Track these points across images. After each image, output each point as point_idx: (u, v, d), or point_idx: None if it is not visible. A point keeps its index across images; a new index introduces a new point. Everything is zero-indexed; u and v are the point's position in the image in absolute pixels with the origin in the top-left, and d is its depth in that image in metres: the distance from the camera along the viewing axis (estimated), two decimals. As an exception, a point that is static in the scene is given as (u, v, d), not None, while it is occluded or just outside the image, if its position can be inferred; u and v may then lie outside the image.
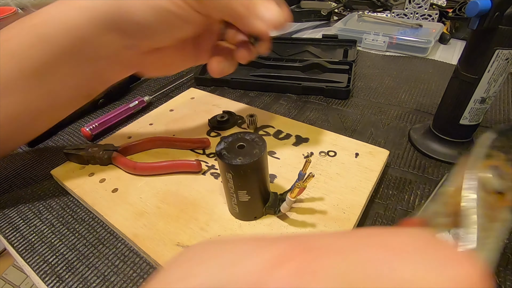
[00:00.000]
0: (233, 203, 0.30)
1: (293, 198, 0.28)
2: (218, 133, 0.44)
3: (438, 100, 0.40)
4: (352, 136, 0.41)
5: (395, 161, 0.40)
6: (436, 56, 0.68)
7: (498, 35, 0.31)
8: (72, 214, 0.36)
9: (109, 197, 0.35)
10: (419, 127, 0.44)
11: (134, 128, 0.46)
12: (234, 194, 0.29)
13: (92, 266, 0.30)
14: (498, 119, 0.46)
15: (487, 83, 0.34)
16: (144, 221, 0.32)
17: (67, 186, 0.37)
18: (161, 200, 0.34)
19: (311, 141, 0.41)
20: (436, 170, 0.38)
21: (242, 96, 0.57)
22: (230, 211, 0.32)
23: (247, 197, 0.29)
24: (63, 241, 0.33)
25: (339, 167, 0.36)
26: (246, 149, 0.27)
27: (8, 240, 0.34)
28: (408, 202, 0.34)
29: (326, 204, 0.32)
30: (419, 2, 0.77)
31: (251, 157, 0.26)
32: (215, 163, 0.39)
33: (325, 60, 0.61)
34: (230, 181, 0.28)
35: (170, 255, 0.29)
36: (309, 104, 0.53)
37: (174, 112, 0.50)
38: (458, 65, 0.36)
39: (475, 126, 0.38)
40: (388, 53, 0.70)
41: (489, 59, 0.32)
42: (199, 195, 0.34)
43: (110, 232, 0.33)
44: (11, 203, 0.38)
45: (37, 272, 0.30)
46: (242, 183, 0.28)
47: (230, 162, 0.26)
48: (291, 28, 0.91)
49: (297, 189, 0.28)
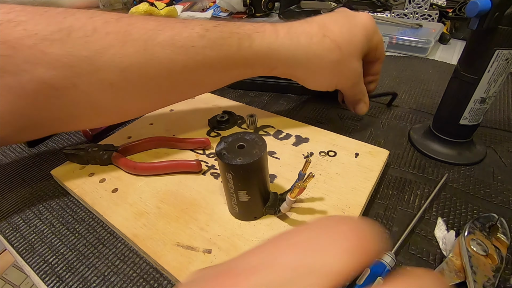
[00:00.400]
0: (233, 203, 0.30)
1: (293, 198, 0.28)
2: (218, 133, 0.44)
3: (438, 100, 0.40)
4: (352, 136, 0.41)
5: (395, 161, 0.40)
6: (436, 56, 0.68)
7: (498, 35, 0.31)
8: (72, 214, 0.36)
9: (109, 197, 0.35)
10: (419, 127, 0.44)
11: (134, 128, 0.46)
12: (234, 194, 0.29)
13: (92, 266, 0.30)
14: (498, 119, 0.46)
15: (487, 83, 0.34)
16: (144, 221, 0.32)
17: (67, 186, 0.37)
18: (161, 200, 0.34)
19: (311, 141, 0.41)
20: (436, 170, 0.38)
21: (242, 96, 0.57)
22: (230, 211, 0.32)
23: (247, 197, 0.29)
24: (63, 241, 0.33)
25: (339, 167, 0.36)
26: (246, 149, 0.27)
27: (8, 240, 0.34)
28: (408, 202, 0.34)
29: (326, 204, 0.32)
30: (419, 2, 0.77)
31: (251, 157, 0.26)
32: (215, 163, 0.39)
33: (325, 60, 0.61)
34: (230, 181, 0.28)
35: (170, 255, 0.29)
36: (309, 104, 0.53)
37: (174, 112, 0.50)
38: (458, 65, 0.36)
39: (475, 126, 0.38)
40: (388, 53, 0.70)
41: (489, 59, 0.32)
42: (199, 195, 0.34)
43: (110, 232, 0.33)
44: (11, 203, 0.38)
45: (37, 272, 0.30)
46: (242, 183, 0.28)
47: (230, 162, 0.26)
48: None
49: (297, 189, 0.28)
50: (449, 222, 0.32)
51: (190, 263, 0.28)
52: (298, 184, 0.28)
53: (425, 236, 0.31)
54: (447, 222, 0.32)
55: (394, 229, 0.32)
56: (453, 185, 0.36)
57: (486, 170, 0.38)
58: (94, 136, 0.47)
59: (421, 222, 0.32)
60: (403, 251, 0.30)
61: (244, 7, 1.00)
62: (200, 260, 0.28)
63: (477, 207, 0.33)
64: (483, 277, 0.25)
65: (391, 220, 0.33)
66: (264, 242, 0.14)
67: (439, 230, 0.31)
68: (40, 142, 0.48)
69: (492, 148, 0.41)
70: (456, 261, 0.27)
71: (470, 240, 0.28)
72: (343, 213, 0.31)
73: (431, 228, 0.31)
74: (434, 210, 0.33)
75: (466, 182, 0.36)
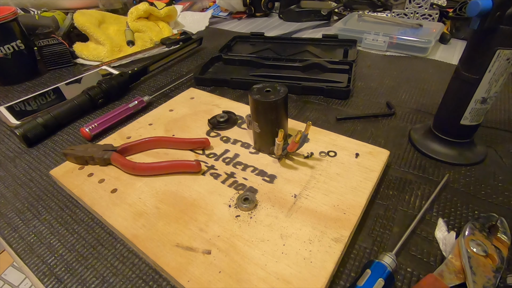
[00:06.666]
0: (254, 132, 0.39)
1: (279, 142, 0.35)
2: (218, 133, 0.44)
3: (438, 100, 0.40)
4: (352, 136, 0.41)
5: (395, 161, 0.40)
6: (436, 56, 0.68)
7: (499, 35, 0.31)
8: (71, 215, 0.35)
9: (108, 198, 0.35)
10: (419, 127, 0.44)
11: (134, 128, 0.46)
12: (252, 124, 0.38)
13: (91, 267, 0.30)
14: (499, 120, 0.46)
15: (488, 83, 0.33)
16: (143, 221, 0.32)
17: (66, 187, 0.37)
18: (160, 200, 0.34)
19: (311, 141, 0.41)
20: (437, 171, 0.38)
21: (242, 96, 0.57)
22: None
23: (258, 129, 0.37)
24: (62, 242, 0.33)
25: (339, 167, 0.36)
26: (270, 93, 0.35)
27: (7, 240, 0.34)
28: (409, 202, 0.34)
29: (326, 204, 0.32)
30: (420, 2, 0.77)
31: (265, 98, 0.35)
32: (215, 163, 0.39)
33: (325, 60, 0.61)
34: (252, 111, 0.37)
35: (170, 256, 0.28)
36: (309, 104, 0.53)
37: (174, 112, 0.49)
38: (458, 65, 0.36)
39: (476, 126, 0.37)
40: (388, 53, 0.70)
41: (490, 59, 0.32)
42: (198, 196, 0.34)
43: (109, 232, 0.33)
44: (10, 203, 0.38)
45: (36, 273, 0.30)
46: (255, 115, 0.37)
47: (251, 95, 0.35)
48: (291, 28, 0.91)
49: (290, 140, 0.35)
50: (449, 223, 0.32)
51: (189, 264, 0.28)
52: (292, 138, 0.35)
53: (425, 237, 0.31)
54: (448, 223, 0.32)
55: (394, 230, 0.31)
56: (454, 186, 0.36)
57: (487, 170, 0.38)
58: (93, 136, 0.47)
59: (421, 223, 0.32)
60: (404, 252, 0.29)
61: (244, 7, 1.00)
62: (199, 261, 0.28)
63: (478, 208, 0.33)
64: (483, 278, 0.25)
65: (391, 220, 0.32)
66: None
67: (440, 231, 0.31)
68: (40, 142, 0.48)
69: (493, 149, 0.41)
70: (456, 262, 0.27)
71: (469, 241, 0.28)
72: (344, 213, 0.31)
73: (432, 229, 0.31)
74: (435, 210, 0.33)
75: (466, 182, 0.36)
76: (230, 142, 0.42)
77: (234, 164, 0.38)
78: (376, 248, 0.30)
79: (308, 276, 0.26)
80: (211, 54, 0.73)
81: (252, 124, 0.38)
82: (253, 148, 0.41)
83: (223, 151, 0.41)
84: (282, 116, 0.37)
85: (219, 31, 0.92)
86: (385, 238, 0.31)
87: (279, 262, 0.27)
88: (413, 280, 0.27)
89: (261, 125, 0.37)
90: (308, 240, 0.29)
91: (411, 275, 0.28)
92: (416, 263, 0.29)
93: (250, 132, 0.43)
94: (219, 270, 0.27)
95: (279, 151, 0.37)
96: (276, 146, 0.36)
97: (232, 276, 0.26)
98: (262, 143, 0.39)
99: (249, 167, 0.38)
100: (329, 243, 0.28)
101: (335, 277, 0.28)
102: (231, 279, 0.26)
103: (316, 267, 0.27)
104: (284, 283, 0.26)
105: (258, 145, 0.40)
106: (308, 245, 0.28)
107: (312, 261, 0.27)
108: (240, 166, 0.38)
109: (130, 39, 0.78)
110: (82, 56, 0.74)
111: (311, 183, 0.35)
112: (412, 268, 0.28)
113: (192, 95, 0.53)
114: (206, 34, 0.89)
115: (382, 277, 0.25)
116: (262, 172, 0.37)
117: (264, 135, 0.38)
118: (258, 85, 0.37)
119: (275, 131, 0.36)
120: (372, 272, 0.25)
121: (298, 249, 0.28)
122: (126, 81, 0.59)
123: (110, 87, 0.55)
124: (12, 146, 0.48)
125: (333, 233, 0.29)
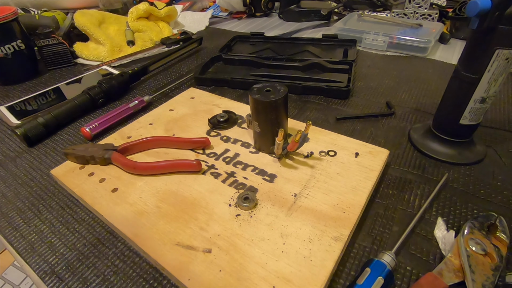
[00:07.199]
0: (255, 131, 0.39)
1: (279, 141, 0.35)
2: (218, 133, 0.44)
3: (438, 100, 0.40)
4: (352, 136, 0.41)
5: (395, 161, 0.40)
6: (436, 56, 0.68)
7: (498, 35, 0.31)
8: (72, 214, 0.36)
9: (109, 197, 0.35)
10: (419, 127, 0.44)
11: (134, 128, 0.46)
12: (252, 124, 0.38)
13: (92, 266, 0.30)
14: (498, 119, 0.46)
15: (487, 83, 0.34)
16: (144, 220, 0.32)
17: (67, 186, 0.37)
18: (161, 199, 0.34)
19: (311, 140, 0.41)
20: (436, 170, 0.38)
21: (242, 96, 0.57)
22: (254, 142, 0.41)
23: (258, 129, 0.37)
24: (63, 241, 0.33)
25: (339, 166, 0.36)
26: (270, 93, 0.35)
27: (8, 240, 0.34)
28: (408, 201, 0.34)
29: (326, 203, 0.32)
30: (419, 2, 0.77)
31: (265, 98, 0.35)
32: (215, 163, 0.39)
33: (325, 60, 0.61)
34: (252, 111, 0.37)
35: (170, 255, 0.29)
36: (309, 104, 0.53)
37: (174, 112, 0.50)
38: (458, 65, 0.36)
39: (475, 126, 0.38)
40: (388, 53, 0.70)
41: (489, 59, 0.32)
42: (199, 195, 0.34)
43: (110, 231, 0.33)
44: (11, 203, 0.38)
45: (37, 272, 0.30)
46: (255, 114, 0.37)
47: (251, 94, 0.35)
48: (291, 27, 0.91)
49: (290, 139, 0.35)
50: (449, 222, 0.32)
51: (190, 263, 0.28)
52: (292, 137, 0.35)
53: (425, 236, 0.31)
54: (447, 222, 0.32)
55: (394, 229, 0.32)
56: (453, 185, 0.36)
57: (486, 170, 0.38)
58: (94, 136, 0.47)
59: (421, 222, 0.32)
60: (403, 251, 0.30)
61: (244, 7, 1.00)
62: (200, 259, 0.28)
63: (477, 207, 0.33)
64: (482, 276, 0.25)
65: (391, 219, 0.33)
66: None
67: (439, 230, 0.31)
68: (40, 141, 0.48)
69: (492, 148, 0.41)
70: (455, 261, 0.27)
71: (468, 240, 0.28)
72: (343, 212, 0.31)
73: (431, 228, 0.31)
74: (434, 210, 0.33)
75: (466, 182, 0.36)
76: (230, 141, 0.42)
77: (234, 164, 0.38)
78: (375, 247, 0.30)
79: (308, 275, 0.26)
80: (211, 54, 0.73)
81: (252, 124, 0.38)
82: (253, 148, 0.41)
83: (223, 150, 0.41)
84: (282, 116, 0.37)
85: (219, 31, 0.92)
86: (384, 237, 0.31)
87: (279, 260, 0.27)
88: (413, 278, 0.27)
89: (261, 124, 0.37)
90: (308, 239, 0.29)
91: (410, 274, 0.28)
92: (415, 262, 0.29)
93: (250, 131, 0.43)
94: (220, 268, 0.27)
95: (279, 151, 0.37)
96: (276, 145, 0.36)
97: (233, 274, 0.27)
98: (262, 143, 0.39)
99: (249, 166, 0.38)
100: (329, 242, 0.28)
101: (335, 276, 0.28)
102: (231, 277, 0.26)
103: (316, 266, 0.27)
104: (284, 281, 0.26)
105: (258, 145, 0.40)
106: (308, 244, 0.28)
107: (312, 259, 0.27)
108: (240, 165, 0.38)
109: (130, 39, 0.78)
110: (82, 56, 0.75)
111: (311, 183, 0.35)
112: (411, 267, 0.28)
113: (192, 95, 0.53)
114: (206, 34, 0.90)
115: (382, 276, 0.25)
116: (262, 172, 0.37)
117: (264, 135, 0.38)
118: (258, 84, 0.37)
119: (275, 130, 0.36)
120: (372, 270, 0.26)
121: (298, 248, 0.28)
122: (127, 81, 0.59)
123: (110, 87, 0.56)
124: (12, 146, 0.48)
125: (333, 232, 0.29)
